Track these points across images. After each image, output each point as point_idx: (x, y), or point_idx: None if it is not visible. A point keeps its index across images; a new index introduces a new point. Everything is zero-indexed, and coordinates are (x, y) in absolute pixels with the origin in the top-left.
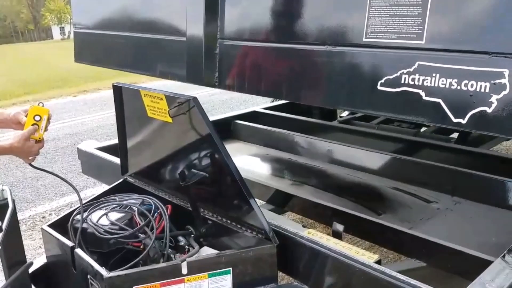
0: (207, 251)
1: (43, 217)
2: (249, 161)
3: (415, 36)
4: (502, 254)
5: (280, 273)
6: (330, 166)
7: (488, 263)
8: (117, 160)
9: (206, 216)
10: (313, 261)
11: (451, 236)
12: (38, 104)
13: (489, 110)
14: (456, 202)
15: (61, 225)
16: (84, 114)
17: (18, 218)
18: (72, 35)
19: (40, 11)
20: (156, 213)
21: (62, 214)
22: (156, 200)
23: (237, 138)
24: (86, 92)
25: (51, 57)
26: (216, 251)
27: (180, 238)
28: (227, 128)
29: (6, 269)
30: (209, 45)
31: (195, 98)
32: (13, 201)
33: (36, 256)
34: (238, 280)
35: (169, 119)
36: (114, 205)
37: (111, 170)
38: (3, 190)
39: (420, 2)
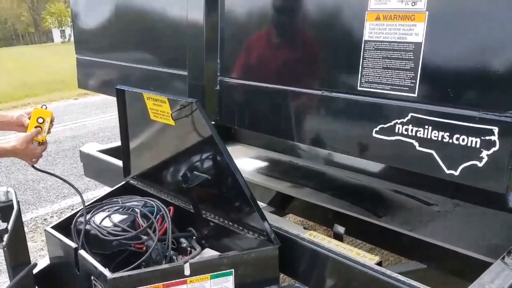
0: (209, 253)
1: (45, 219)
2: (250, 164)
3: (407, 88)
4: (502, 256)
5: (281, 275)
6: (331, 169)
7: (487, 264)
8: (119, 163)
9: (208, 218)
10: (314, 263)
11: (451, 238)
12: (41, 107)
13: (480, 165)
14: (455, 205)
15: (64, 227)
16: (85, 117)
17: None
18: (72, 38)
19: (41, 14)
20: (158, 215)
21: (65, 216)
22: (159, 202)
23: (239, 141)
24: (87, 95)
25: (52, 60)
26: (218, 253)
27: (182, 240)
28: (228, 131)
29: (10, 270)
30: (209, 81)
31: (197, 101)
32: (18, 202)
33: (38, 258)
34: (240, 281)
35: (172, 122)
36: (117, 207)
37: (113, 172)
38: (8, 191)
39: (412, 57)
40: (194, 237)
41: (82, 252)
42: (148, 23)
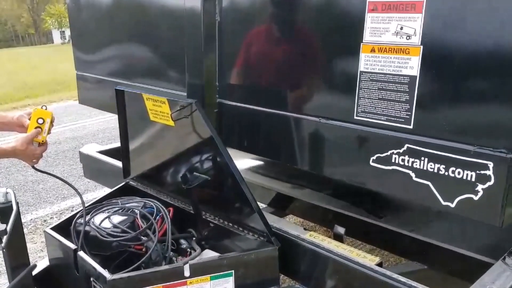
0: (209, 254)
1: (45, 220)
2: (250, 164)
3: (403, 120)
4: (503, 257)
5: (281, 276)
6: None
7: (488, 265)
8: (119, 164)
9: (208, 219)
10: (314, 264)
11: (451, 238)
12: (41, 107)
13: (475, 198)
14: None
15: (63, 228)
16: (85, 118)
17: None
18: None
19: (41, 15)
20: (158, 216)
21: (64, 217)
22: (158, 203)
23: None
24: None
25: (52, 61)
26: (218, 254)
27: (182, 241)
28: None
29: (9, 271)
30: (209, 103)
31: (197, 102)
32: (17, 203)
33: (38, 260)
34: (240, 282)
35: (171, 123)
36: (117, 208)
37: (113, 173)
38: (7, 193)
39: (407, 89)
40: (194, 238)
41: (81, 253)
42: (149, 42)
